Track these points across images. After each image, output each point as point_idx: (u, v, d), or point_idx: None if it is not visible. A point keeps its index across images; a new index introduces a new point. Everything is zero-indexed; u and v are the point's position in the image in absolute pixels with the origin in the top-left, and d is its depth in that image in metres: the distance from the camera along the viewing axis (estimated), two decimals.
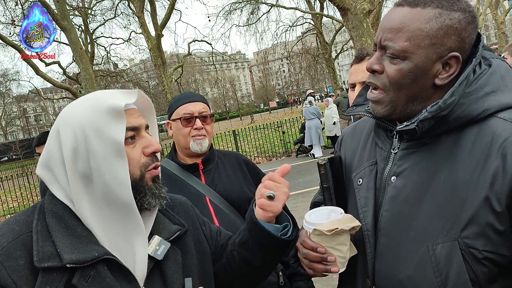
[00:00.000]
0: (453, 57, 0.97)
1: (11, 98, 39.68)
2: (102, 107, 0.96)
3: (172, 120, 1.86)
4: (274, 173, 1.10)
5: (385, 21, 1.02)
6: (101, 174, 0.94)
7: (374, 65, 1.03)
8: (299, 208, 6.40)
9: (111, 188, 0.94)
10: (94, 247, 0.92)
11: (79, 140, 0.94)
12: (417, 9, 0.97)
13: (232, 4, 25.25)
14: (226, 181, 1.83)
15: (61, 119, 0.99)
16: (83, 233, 0.94)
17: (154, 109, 1.13)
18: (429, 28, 0.95)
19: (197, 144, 1.80)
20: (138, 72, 59.97)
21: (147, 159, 1.01)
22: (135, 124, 1.00)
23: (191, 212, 1.22)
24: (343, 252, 1.03)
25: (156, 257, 1.00)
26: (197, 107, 1.82)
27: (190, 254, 1.10)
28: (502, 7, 29.09)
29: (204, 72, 72.38)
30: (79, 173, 0.95)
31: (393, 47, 0.98)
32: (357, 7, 8.07)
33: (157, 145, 1.03)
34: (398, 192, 1.02)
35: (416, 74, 0.98)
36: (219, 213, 1.74)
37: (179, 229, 1.09)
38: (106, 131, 0.94)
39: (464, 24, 0.96)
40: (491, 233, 0.90)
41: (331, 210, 1.09)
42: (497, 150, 0.91)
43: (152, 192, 1.01)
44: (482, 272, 0.91)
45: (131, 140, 0.99)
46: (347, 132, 1.36)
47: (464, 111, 0.96)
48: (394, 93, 1.01)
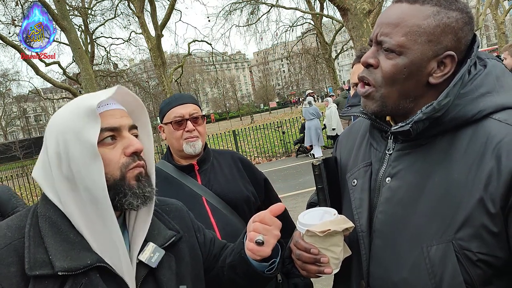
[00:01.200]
0: (449, 56, 0.96)
1: (11, 98, 39.70)
2: (79, 110, 0.95)
3: (164, 124, 1.85)
4: (266, 213, 1.08)
5: (382, 17, 1.02)
6: (82, 178, 0.93)
7: (369, 59, 1.02)
8: (299, 208, 6.41)
9: (92, 191, 0.93)
10: (87, 254, 0.91)
11: (60, 144, 0.94)
12: (415, 6, 0.97)
13: (232, 4, 25.25)
14: (222, 180, 1.83)
15: (48, 125, 1.00)
16: (76, 239, 0.93)
17: (146, 109, 1.11)
18: (427, 25, 0.95)
19: (190, 146, 1.79)
20: (138, 72, 59.94)
21: (127, 159, 0.99)
22: (114, 124, 0.98)
23: (187, 218, 1.22)
24: (336, 253, 1.02)
25: (151, 264, 0.99)
26: (187, 109, 1.81)
27: (184, 261, 1.09)
28: (502, 7, 29.09)
29: (204, 72, 72.36)
30: (64, 177, 0.94)
31: (389, 42, 0.98)
32: (357, 7, 8.07)
33: (138, 144, 1.00)
34: (393, 194, 1.02)
35: (411, 70, 0.97)
36: (216, 213, 1.73)
37: (174, 235, 1.08)
38: (82, 133, 0.93)
39: (461, 24, 0.96)
40: (486, 234, 0.89)
41: (324, 211, 1.08)
42: (491, 151, 0.90)
43: (133, 192, 0.98)
44: (476, 274, 0.90)
45: (111, 140, 0.97)
46: (344, 133, 1.35)
47: (459, 112, 0.96)
48: (385, 89, 1.00)
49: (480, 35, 45.04)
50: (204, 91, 68.47)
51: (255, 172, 1.96)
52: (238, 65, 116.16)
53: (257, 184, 1.92)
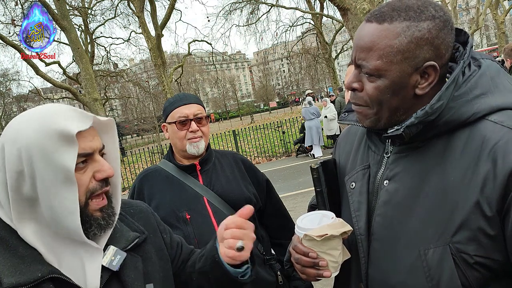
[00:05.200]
0: (430, 66, 0.95)
1: (11, 98, 39.60)
2: (52, 129, 0.89)
3: (168, 123, 1.86)
4: (238, 218, 1.07)
5: (356, 39, 1.01)
6: (48, 199, 0.90)
7: (353, 84, 1.03)
8: (299, 208, 6.41)
9: (58, 215, 0.90)
10: (38, 267, 0.88)
11: (25, 162, 0.88)
12: (384, 25, 0.95)
13: (232, 4, 25.23)
14: (224, 181, 1.83)
15: (8, 134, 0.92)
16: (26, 252, 0.90)
17: (115, 123, 1.07)
18: (399, 44, 0.94)
19: (193, 147, 1.80)
20: (138, 72, 59.98)
21: (95, 184, 0.96)
22: (88, 150, 0.95)
23: (152, 219, 1.21)
24: (335, 257, 1.03)
25: (112, 268, 0.98)
26: (191, 109, 1.82)
27: (151, 261, 1.09)
28: (502, 7, 29.07)
29: (204, 72, 72.33)
30: (24, 195, 0.91)
31: (367, 66, 0.97)
32: (357, 7, 8.06)
33: (109, 170, 0.98)
34: (391, 197, 1.02)
35: (394, 89, 0.97)
36: (217, 213, 1.74)
37: (138, 237, 1.08)
38: (55, 156, 0.88)
39: (435, 32, 0.94)
40: (482, 237, 0.89)
41: (323, 215, 1.09)
42: (487, 154, 0.90)
43: (98, 223, 0.96)
44: (473, 277, 0.91)
45: (82, 164, 0.94)
46: (342, 135, 1.35)
47: (454, 115, 0.95)
48: (377, 108, 1.01)
49: (480, 35, 45.00)
50: (204, 91, 68.38)
51: (257, 173, 1.96)
52: (238, 65, 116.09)
53: (259, 186, 1.93)
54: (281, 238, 1.94)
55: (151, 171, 1.89)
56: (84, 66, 14.35)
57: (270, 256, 1.87)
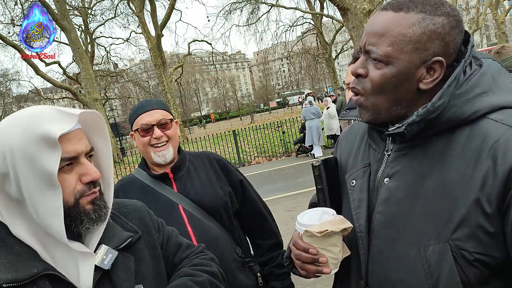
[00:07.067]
0: (437, 62, 0.96)
1: (11, 98, 39.64)
2: (35, 133, 0.90)
3: (134, 131, 1.82)
4: None
5: (369, 25, 1.02)
6: (33, 202, 0.91)
7: (358, 69, 1.03)
8: (299, 207, 6.41)
9: (43, 216, 0.91)
10: (34, 264, 0.90)
11: (9, 165, 0.89)
12: (400, 14, 0.96)
13: (232, 4, 25.28)
14: (199, 186, 1.80)
15: None
16: (22, 250, 0.92)
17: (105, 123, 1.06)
18: (412, 33, 0.95)
19: (158, 156, 1.76)
20: (138, 72, 59.93)
21: (83, 186, 0.97)
22: (72, 154, 0.95)
23: (146, 217, 1.21)
24: (334, 253, 1.03)
25: (103, 266, 0.99)
26: (154, 116, 1.76)
27: (144, 260, 1.09)
28: (502, 7, 29.09)
29: (204, 72, 72.39)
30: (11, 196, 0.92)
31: (376, 52, 0.98)
32: (357, 7, 8.08)
33: (95, 174, 0.98)
34: (391, 194, 1.02)
35: (400, 79, 0.97)
36: (193, 220, 1.71)
37: (131, 236, 1.08)
38: (38, 160, 0.89)
39: (448, 29, 0.95)
40: (482, 235, 0.90)
41: (323, 212, 1.09)
42: (487, 151, 0.91)
43: (89, 217, 0.97)
44: (473, 274, 0.91)
45: (67, 166, 0.94)
46: (343, 134, 1.36)
47: (455, 113, 0.96)
48: (375, 97, 1.01)
49: (480, 35, 45.00)
50: (204, 91, 68.39)
51: (231, 173, 1.92)
52: (238, 65, 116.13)
53: (234, 186, 1.89)
54: (257, 238, 1.93)
55: (125, 181, 1.85)
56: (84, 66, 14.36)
57: (249, 258, 1.85)
